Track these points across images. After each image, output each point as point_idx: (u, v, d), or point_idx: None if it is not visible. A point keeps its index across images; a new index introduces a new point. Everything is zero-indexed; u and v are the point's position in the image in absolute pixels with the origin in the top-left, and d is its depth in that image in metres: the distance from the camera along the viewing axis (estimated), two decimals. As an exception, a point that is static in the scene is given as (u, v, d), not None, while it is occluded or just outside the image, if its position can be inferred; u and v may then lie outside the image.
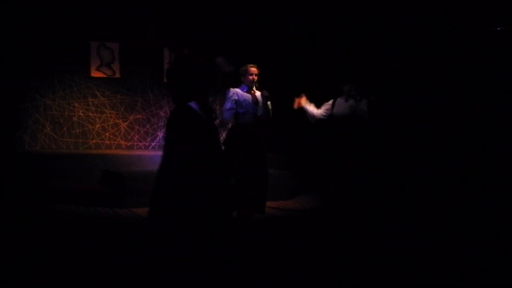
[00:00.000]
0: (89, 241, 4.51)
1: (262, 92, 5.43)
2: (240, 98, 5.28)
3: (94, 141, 8.60)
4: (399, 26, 7.14)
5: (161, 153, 4.40)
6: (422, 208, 5.69)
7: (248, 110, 5.29)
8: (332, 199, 6.26)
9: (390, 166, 5.84)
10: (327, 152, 6.32)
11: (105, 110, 8.68)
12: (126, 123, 8.79)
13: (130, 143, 8.82)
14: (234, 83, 5.44)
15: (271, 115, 5.53)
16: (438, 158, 6.12)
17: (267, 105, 5.42)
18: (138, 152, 8.03)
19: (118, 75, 8.70)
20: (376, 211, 5.75)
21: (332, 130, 6.25)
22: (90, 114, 8.59)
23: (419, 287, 3.42)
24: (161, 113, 8.98)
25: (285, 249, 4.36)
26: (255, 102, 5.33)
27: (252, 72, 5.35)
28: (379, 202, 5.84)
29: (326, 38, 8.37)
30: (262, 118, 5.38)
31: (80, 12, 8.21)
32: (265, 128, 5.43)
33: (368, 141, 6.07)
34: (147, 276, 3.48)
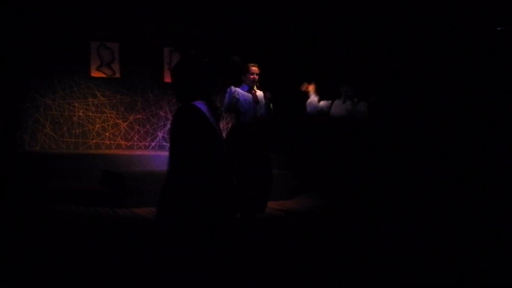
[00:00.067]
0: (89, 241, 4.51)
1: (265, 94, 5.37)
2: (241, 97, 5.26)
3: (94, 141, 8.60)
4: (399, 26, 7.15)
5: (161, 153, 4.40)
6: (422, 208, 5.70)
7: (248, 110, 5.25)
8: (332, 199, 6.27)
9: (390, 166, 5.84)
10: (327, 152, 6.34)
11: (105, 110, 8.67)
12: (126, 123, 8.79)
13: (130, 143, 8.81)
14: (234, 82, 5.42)
15: (272, 114, 5.51)
16: (438, 158, 6.12)
17: (269, 105, 5.40)
18: (138, 152, 8.01)
19: (118, 75, 8.68)
20: (376, 211, 5.75)
21: (332, 131, 6.26)
22: (90, 114, 8.58)
23: (419, 287, 3.42)
24: (161, 113, 8.98)
25: (285, 249, 4.36)
26: (256, 101, 5.31)
27: (253, 71, 5.31)
28: (379, 202, 5.85)
29: (326, 38, 8.38)
30: (262, 118, 5.35)
31: (80, 12, 8.21)
32: (265, 128, 5.40)
33: (368, 141, 6.08)
34: (147, 276, 3.48)
